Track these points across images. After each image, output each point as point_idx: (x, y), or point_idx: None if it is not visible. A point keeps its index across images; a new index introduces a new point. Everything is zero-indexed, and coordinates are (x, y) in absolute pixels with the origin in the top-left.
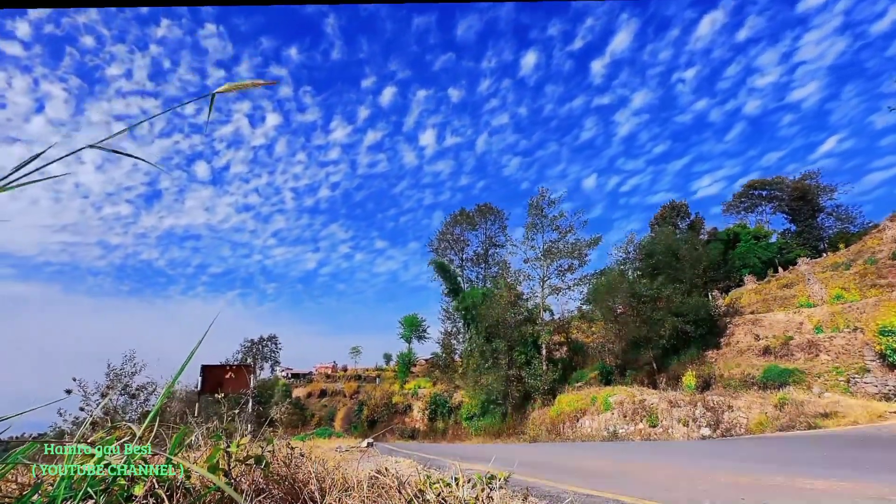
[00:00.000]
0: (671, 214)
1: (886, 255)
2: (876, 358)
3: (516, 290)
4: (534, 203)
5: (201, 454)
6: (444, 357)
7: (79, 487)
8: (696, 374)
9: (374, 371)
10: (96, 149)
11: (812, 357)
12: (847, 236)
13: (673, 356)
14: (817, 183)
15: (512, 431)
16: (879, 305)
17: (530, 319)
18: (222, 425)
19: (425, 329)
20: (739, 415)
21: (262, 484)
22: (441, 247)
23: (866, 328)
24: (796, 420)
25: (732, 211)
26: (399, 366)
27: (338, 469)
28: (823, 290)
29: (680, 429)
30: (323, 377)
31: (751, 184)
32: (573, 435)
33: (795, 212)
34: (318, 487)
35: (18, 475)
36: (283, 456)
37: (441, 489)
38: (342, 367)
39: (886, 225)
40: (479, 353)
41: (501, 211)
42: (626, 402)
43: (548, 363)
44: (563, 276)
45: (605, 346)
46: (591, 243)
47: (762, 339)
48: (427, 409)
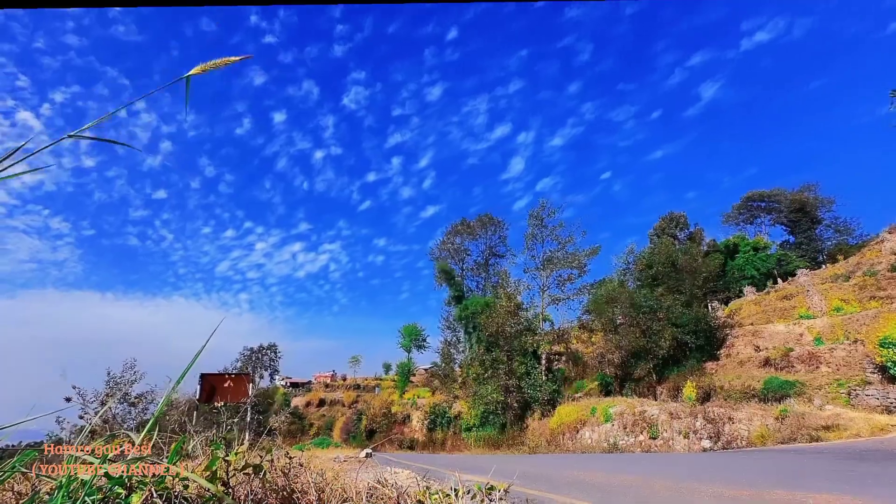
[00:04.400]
0: (670, 226)
1: (885, 266)
2: (877, 370)
3: (516, 300)
4: (534, 214)
5: (200, 463)
6: (443, 367)
7: (76, 496)
8: (696, 386)
9: (374, 380)
10: (76, 138)
11: (812, 369)
12: (846, 248)
13: (673, 367)
14: (816, 195)
15: (512, 442)
16: (879, 317)
17: (530, 329)
18: (221, 434)
19: (425, 339)
20: (740, 427)
21: (261, 493)
22: (441, 256)
23: (867, 340)
24: (797, 433)
25: (731, 222)
26: (398, 375)
27: (336, 479)
28: (823, 302)
29: (681, 441)
30: (322, 386)
31: (750, 196)
32: (573, 446)
33: (794, 223)
34: (317, 498)
35: (16, 483)
36: (281, 465)
37: (440, 500)
38: (341, 377)
39: (885, 237)
40: (479, 363)
41: (502, 221)
42: (627, 414)
43: (547, 373)
44: (563, 287)
45: (604, 356)
46: (590, 253)
47: (762, 350)
48: (426, 420)
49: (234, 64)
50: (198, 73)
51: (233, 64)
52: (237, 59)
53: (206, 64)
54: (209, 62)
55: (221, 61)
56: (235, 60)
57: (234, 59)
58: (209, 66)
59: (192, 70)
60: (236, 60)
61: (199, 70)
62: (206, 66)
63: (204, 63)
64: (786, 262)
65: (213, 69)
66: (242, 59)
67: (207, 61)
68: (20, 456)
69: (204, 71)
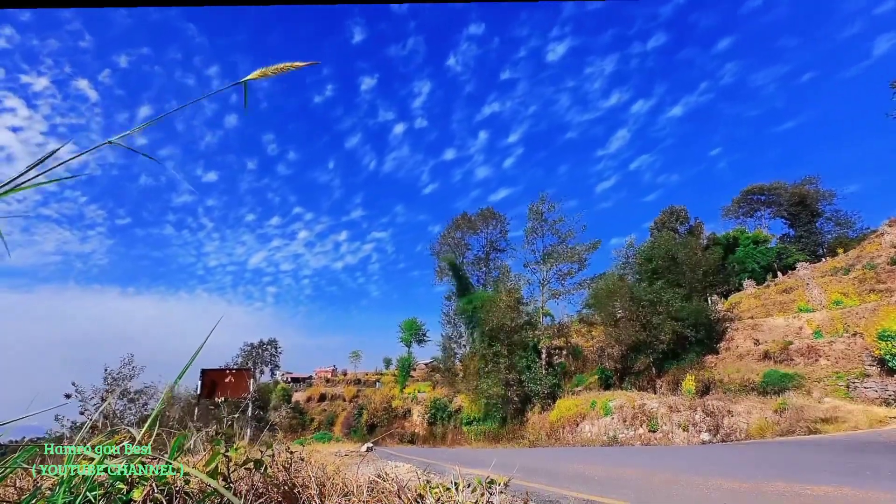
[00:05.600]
0: (670, 219)
1: (885, 260)
2: (875, 363)
3: (517, 295)
4: (534, 208)
5: (201, 458)
6: (444, 361)
7: (78, 491)
8: (696, 379)
9: (374, 375)
10: (115, 145)
11: (812, 362)
12: (846, 241)
13: (672, 361)
14: (816, 188)
15: (512, 436)
16: (879, 310)
17: (530, 324)
18: (222, 429)
19: (425, 333)
20: (739, 420)
21: (262, 488)
22: (443, 250)
23: (866, 333)
24: (796, 425)
25: (731, 216)
26: (399, 370)
27: (337, 473)
28: (822, 295)
29: (680, 434)
30: (322, 381)
31: (749, 189)
32: (573, 440)
33: (794, 217)
34: (318, 492)
35: (17, 479)
36: (282, 460)
37: (441, 494)
38: (342, 371)
39: (885, 230)
40: (479, 358)
41: (503, 215)
42: (626, 407)
43: (548, 367)
44: (563, 281)
45: (604, 350)
46: (591, 247)
47: (761, 343)
48: (427, 414)
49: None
50: (257, 77)
51: (297, 69)
52: (303, 65)
53: (266, 68)
54: (270, 67)
55: (284, 66)
56: (300, 66)
57: (299, 65)
58: (269, 70)
59: (251, 74)
60: (301, 66)
61: (259, 75)
62: (267, 70)
63: (265, 67)
64: (786, 255)
65: (273, 75)
66: (308, 66)
67: (269, 66)
68: (22, 452)
69: (264, 76)
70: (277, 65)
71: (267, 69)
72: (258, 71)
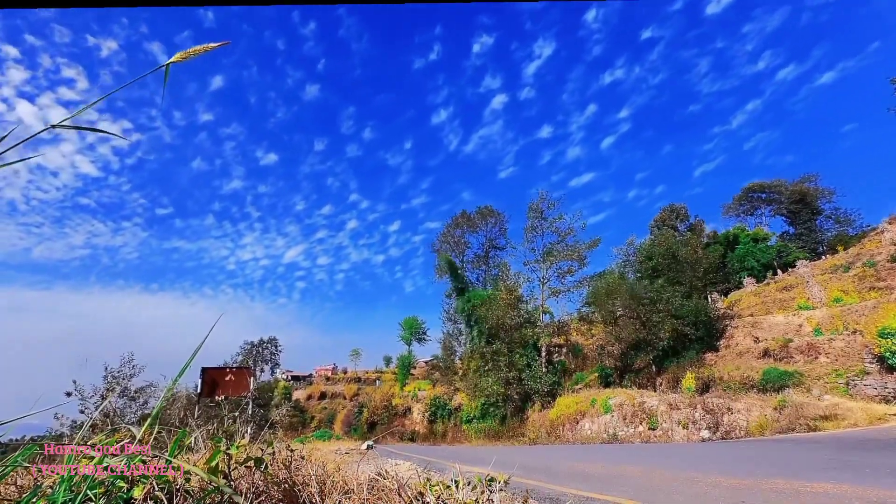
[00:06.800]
0: (670, 217)
1: (885, 257)
2: (875, 360)
3: (516, 293)
4: (534, 206)
5: (201, 456)
6: (444, 359)
7: (78, 490)
8: (696, 377)
9: (374, 373)
10: (59, 128)
11: (811, 359)
12: (846, 239)
13: (672, 358)
14: (816, 186)
15: (512, 434)
16: (878, 308)
17: (530, 322)
18: (223, 428)
19: (425, 331)
20: (739, 417)
21: (262, 486)
22: (442, 249)
23: (865, 331)
24: (796, 422)
25: (731, 213)
26: (399, 368)
27: (338, 471)
28: (822, 293)
29: (680, 431)
30: (323, 379)
31: (750, 187)
32: (573, 437)
33: (794, 214)
34: (318, 490)
35: (18, 477)
36: (283, 458)
37: (441, 492)
38: (342, 370)
39: (885, 227)
40: (479, 356)
41: (502, 213)
42: (626, 405)
43: (548, 365)
44: (563, 279)
45: (604, 348)
46: (590, 245)
47: (761, 341)
48: (427, 412)
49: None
50: (178, 60)
51: (212, 50)
52: (215, 46)
53: (185, 51)
54: (189, 49)
55: (201, 48)
56: (214, 47)
57: (212, 46)
58: (189, 52)
59: (171, 58)
60: (214, 47)
61: (180, 58)
62: (187, 53)
63: (183, 51)
64: (786, 253)
65: (192, 56)
66: (220, 46)
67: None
68: (23, 450)
69: (185, 58)
70: (195, 47)
71: (186, 52)
72: (178, 54)
